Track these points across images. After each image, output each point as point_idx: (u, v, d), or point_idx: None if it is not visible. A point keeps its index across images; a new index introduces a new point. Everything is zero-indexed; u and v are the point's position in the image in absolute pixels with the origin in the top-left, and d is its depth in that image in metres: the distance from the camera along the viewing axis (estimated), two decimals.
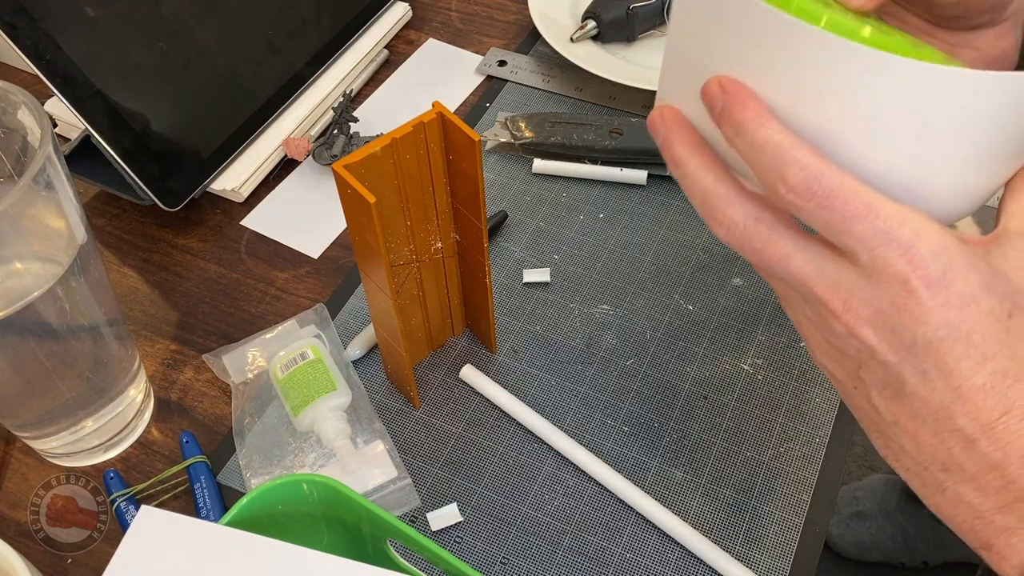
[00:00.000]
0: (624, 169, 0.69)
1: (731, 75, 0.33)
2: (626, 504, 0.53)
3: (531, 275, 0.64)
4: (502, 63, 0.80)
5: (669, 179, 0.70)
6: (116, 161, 0.64)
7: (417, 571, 0.43)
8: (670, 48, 0.36)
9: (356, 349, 0.60)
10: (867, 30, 0.35)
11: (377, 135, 0.71)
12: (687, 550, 0.51)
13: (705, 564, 0.50)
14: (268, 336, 0.60)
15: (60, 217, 0.47)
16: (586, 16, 0.79)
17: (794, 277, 0.35)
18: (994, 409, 0.33)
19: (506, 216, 0.67)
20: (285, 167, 0.73)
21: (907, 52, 0.34)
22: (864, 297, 0.34)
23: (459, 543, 0.52)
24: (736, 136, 0.34)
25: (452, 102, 0.78)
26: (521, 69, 0.79)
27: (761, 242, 0.35)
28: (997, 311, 0.33)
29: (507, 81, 0.78)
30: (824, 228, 0.34)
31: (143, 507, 0.37)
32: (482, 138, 0.65)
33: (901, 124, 0.33)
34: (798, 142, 0.33)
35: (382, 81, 0.80)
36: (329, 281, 0.66)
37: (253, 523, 0.39)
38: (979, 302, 0.33)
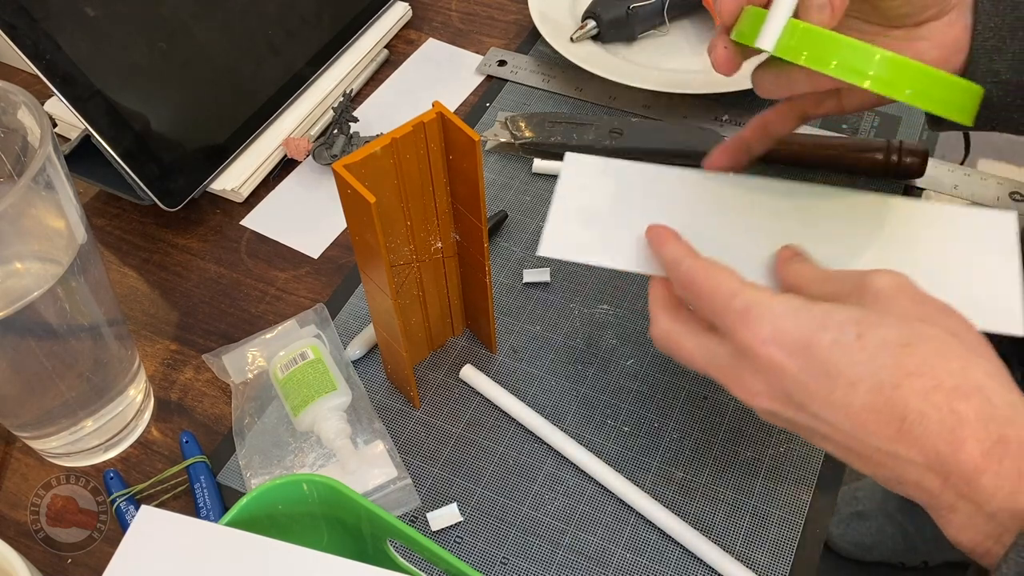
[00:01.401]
0: None
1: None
2: (626, 504, 0.53)
3: (531, 275, 0.64)
4: (502, 63, 0.80)
5: None
6: (116, 161, 0.64)
7: (417, 571, 0.43)
8: None
9: (356, 349, 0.60)
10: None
11: (377, 135, 0.71)
12: (687, 550, 0.51)
13: (705, 564, 0.50)
14: (268, 336, 0.60)
15: (60, 217, 0.47)
16: (586, 16, 0.79)
17: (700, 368, 0.43)
18: (891, 420, 0.36)
19: (506, 216, 0.67)
20: (285, 167, 0.73)
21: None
22: (740, 371, 0.40)
23: (459, 543, 0.52)
24: (658, 260, 0.46)
25: (452, 102, 0.78)
26: (521, 69, 0.79)
27: (673, 346, 0.44)
28: (842, 340, 0.37)
29: (507, 81, 0.78)
30: (700, 312, 0.43)
31: (143, 507, 0.37)
32: (482, 138, 0.65)
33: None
34: (680, 251, 0.44)
35: (382, 81, 0.80)
36: (329, 281, 0.66)
37: (253, 523, 0.39)
38: (819, 340, 0.37)
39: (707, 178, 0.53)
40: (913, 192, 0.68)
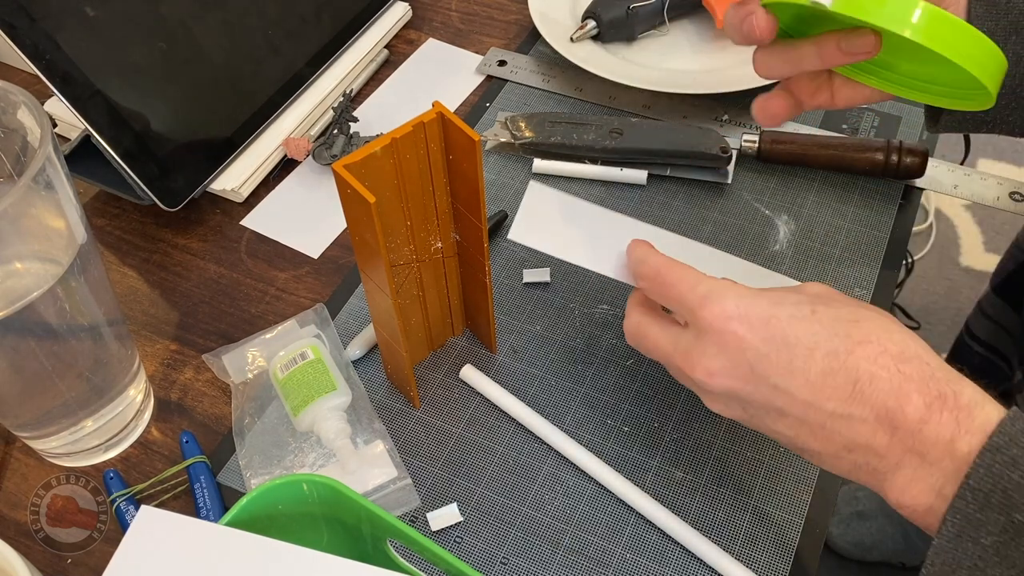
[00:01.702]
0: (624, 169, 0.69)
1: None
2: (626, 504, 0.53)
3: (531, 275, 0.64)
4: (502, 63, 0.80)
5: (669, 179, 0.70)
6: (116, 161, 0.64)
7: (417, 571, 0.43)
8: None
9: (356, 349, 0.60)
10: None
11: (377, 135, 0.71)
12: (687, 550, 0.51)
13: (705, 564, 0.50)
14: (268, 336, 0.60)
15: (60, 217, 0.47)
16: (586, 16, 0.79)
17: (663, 355, 0.47)
18: (845, 383, 0.40)
19: (506, 216, 0.67)
20: (285, 167, 0.73)
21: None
22: (701, 351, 0.44)
23: (459, 543, 0.52)
24: (629, 261, 0.50)
25: (452, 102, 0.78)
26: (521, 69, 0.79)
27: (640, 336, 0.48)
28: (797, 314, 0.42)
29: (507, 81, 0.78)
30: (665, 303, 0.47)
31: (143, 507, 0.37)
32: (482, 138, 0.65)
33: None
34: (646, 250, 0.49)
35: (382, 81, 0.80)
36: (329, 281, 0.66)
37: (253, 523, 0.39)
38: (777, 315, 0.42)
39: (644, 228, 0.56)
40: (913, 192, 0.68)
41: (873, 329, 0.41)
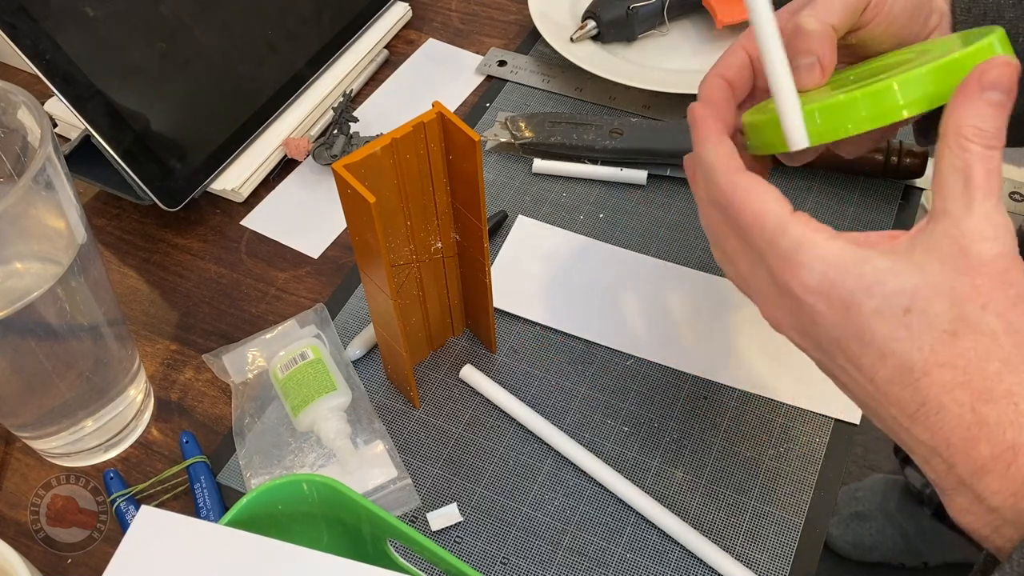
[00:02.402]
0: (624, 169, 0.69)
1: None
2: (626, 504, 0.53)
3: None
4: (502, 63, 0.80)
5: (669, 179, 0.70)
6: (116, 161, 0.64)
7: (417, 571, 0.43)
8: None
9: (356, 349, 0.60)
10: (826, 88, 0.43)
11: (377, 135, 0.71)
12: (687, 550, 0.51)
13: (705, 564, 0.50)
14: (268, 336, 0.60)
15: (60, 217, 0.47)
16: (586, 16, 0.79)
17: (734, 275, 0.41)
18: (911, 401, 0.35)
19: (506, 216, 0.67)
20: (285, 167, 0.73)
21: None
22: (775, 299, 0.38)
23: (459, 543, 0.52)
24: (695, 152, 0.42)
25: (452, 102, 0.78)
26: (521, 69, 0.79)
27: (721, 237, 0.41)
28: (885, 311, 0.35)
29: (507, 81, 0.78)
30: (740, 234, 0.39)
31: (143, 507, 0.37)
32: (482, 138, 0.65)
33: None
34: (724, 155, 0.40)
35: (382, 81, 0.80)
36: (329, 281, 0.66)
37: (253, 523, 0.39)
38: (861, 304, 0.35)
39: (633, 257, 0.57)
40: (913, 192, 0.68)
41: (967, 352, 0.34)
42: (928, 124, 0.51)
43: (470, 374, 0.58)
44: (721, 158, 0.40)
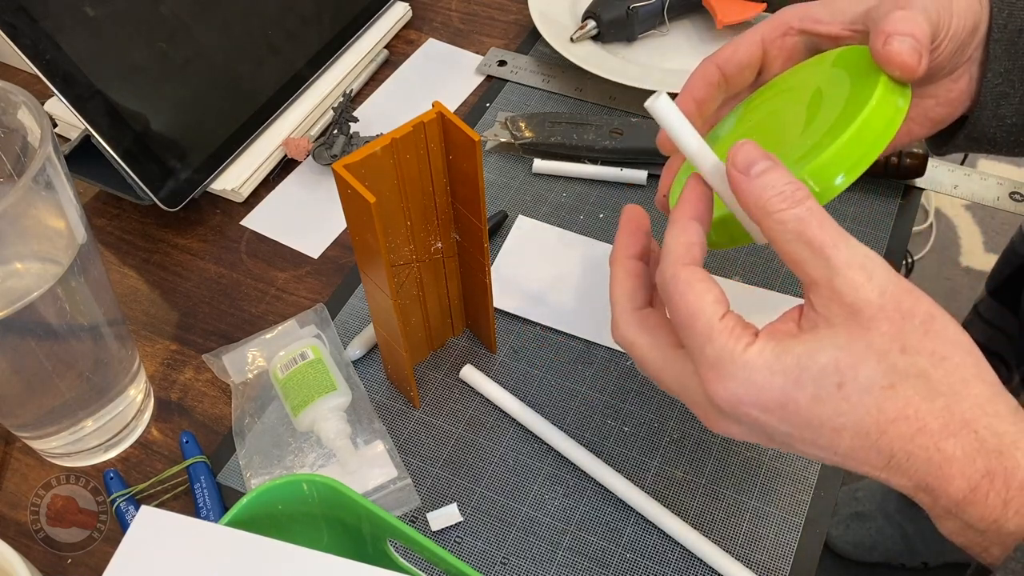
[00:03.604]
0: (624, 169, 0.69)
1: None
2: (626, 504, 0.53)
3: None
4: (502, 63, 0.80)
5: None
6: (116, 161, 0.64)
7: (417, 571, 0.43)
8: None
9: (356, 349, 0.60)
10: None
11: (377, 135, 0.71)
12: (687, 550, 0.51)
13: (705, 564, 0.50)
14: (268, 336, 0.60)
15: (60, 217, 0.47)
16: (586, 16, 0.79)
17: (667, 389, 0.41)
18: (879, 459, 0.36)
19: (506, 216, 0.67)
20: (285, 167, 0.73)
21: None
22: (712, 413, 0.39)
23: (459, 543, 0.52)
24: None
25: (452, 102, 0.78)
26: (521, 69, 0.79)
27: (637, 356, 0.42)
28: (822, 394, 0.35)
29: (507, 81, 0.78)
30: (673, 323, 0.39)
31: (143, 507, 0.37)
32: (482, 138, 0.65)
33: None
34: (678, 250, 0.39)
35: (382, 81, 0.80)
36: (329, 281, 0.66)
37: (253, 523, 0.39)
38: (796, 399, 0.36)
39: None
40: (913, 192, 0.68)
41: (911, 397, 0.35)
42: (939, 135, 0.51)
43: (470, 374, 0.58)
44: (678, 245, 0.39)
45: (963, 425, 0.34)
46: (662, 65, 0.77)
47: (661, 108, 0.39)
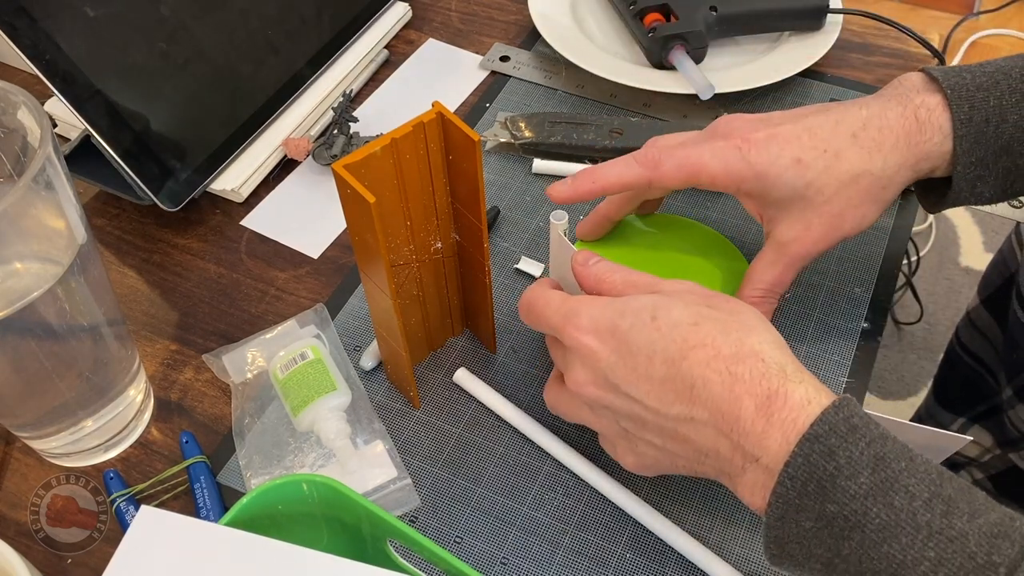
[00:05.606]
0: None
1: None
2: None
3: (525, 264, 0.64)
4: (505, 58, 0.80)
5: None
6: (116, 161, 0.64)
7: (417, 571, 0.43)
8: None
9: (368, 360, 0.60)
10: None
11: (377, 135, 0.71)
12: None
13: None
14: (268, 336, 0.60)
15: (60, 217, 0.47)
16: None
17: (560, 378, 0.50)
18: (684, 387, 0.42)
19: (498, 212, 0.67)
20: (285, 167, 0.73)
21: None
22: (570, 365, 0.47)
23: (459, 543, 0.52)
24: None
25: (452, 102, 0.78)
26: (524, 65, 0.79)
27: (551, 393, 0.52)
28: (637, 322, 0.44)
29: (509, 77, 0.78)
30: (541, 329, 0.49)
31: (143, 507, 0.37)
32: (482, 138, 0.65)
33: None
34: (535, 290, 0.50)
35: (382, 81, 0.80)
36: (329, 281, 0.66)
37: (253, 523, 0.39)
38: (620, 325, 0.44)
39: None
40: (912, 193, 0.68)
41: (710, 331, 0.42)
42: (937, 197, 0.55)
43: (463, 378, 0.58)
44: (536, 284, 0.51)
45: (751, 353, 0.41)
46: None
47: (553, 229, 0.52)
